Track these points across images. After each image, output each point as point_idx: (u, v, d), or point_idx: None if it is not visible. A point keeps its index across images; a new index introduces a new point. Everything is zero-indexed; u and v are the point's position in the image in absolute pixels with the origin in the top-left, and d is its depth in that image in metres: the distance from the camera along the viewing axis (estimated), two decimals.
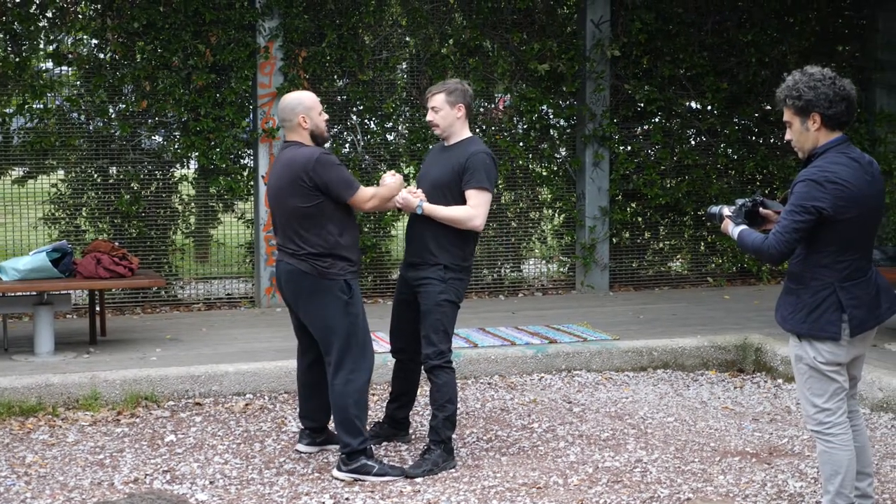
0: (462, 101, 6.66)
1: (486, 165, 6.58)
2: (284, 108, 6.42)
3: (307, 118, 6.36)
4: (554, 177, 12.39)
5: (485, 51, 12.07)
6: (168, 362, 8.50)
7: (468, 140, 6.71)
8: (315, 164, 6.20)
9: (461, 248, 6.62)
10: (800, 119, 5.19)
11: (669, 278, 12.86)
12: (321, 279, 6.28)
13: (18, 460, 6.68)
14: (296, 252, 6.31)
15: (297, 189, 6.22)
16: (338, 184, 6.26)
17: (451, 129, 6.69)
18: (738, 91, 12.68)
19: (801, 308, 5.19)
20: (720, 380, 8.89)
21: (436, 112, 6.66)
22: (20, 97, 10.67)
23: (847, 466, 5.20)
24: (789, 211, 5.06)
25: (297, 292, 6.40)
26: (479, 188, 6.54)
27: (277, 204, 6.38)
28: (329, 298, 6.29)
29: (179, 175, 11.46)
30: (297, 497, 6.03)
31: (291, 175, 6.24)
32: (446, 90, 6.65)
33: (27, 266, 8.67)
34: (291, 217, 6.29)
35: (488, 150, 6.69)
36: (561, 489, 6.16)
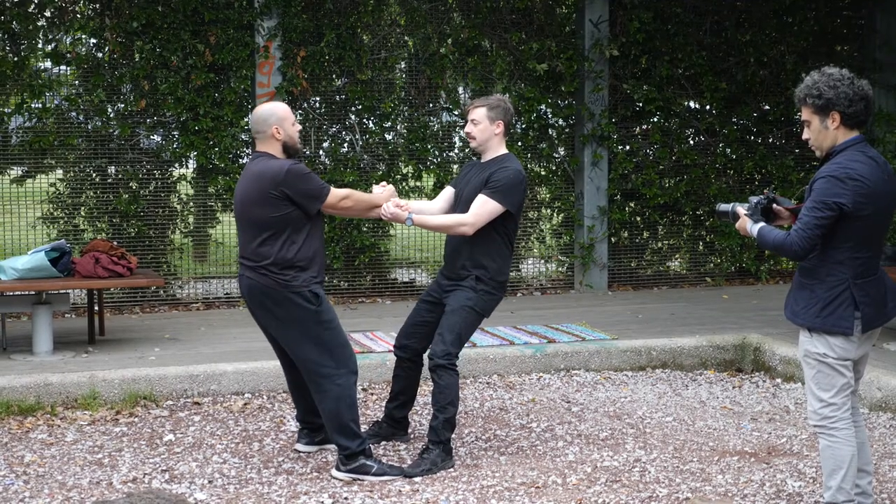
0: (502, 118, 6.68)
1: (510, 181, 6.55)
2: (257, 119, 6.34)
3: (280, 129, 6.29)
4: (552, 176, 12.40)
5: (483, 50, 12.08)
6: (167, 362, 8.50)
7: (503, 156, 6.71)
8: (286, 174, 6.12)
9: (496, 263, 6.64)
10: (819, 118, 5.24)
11: (668, 278, 12.87)
12: (285, 291, 6.19)
13: (17, 459, 6.68)
14: (256, 265, 6.22)
15: (265, 200, 6.14)
16: (309, 192, 6.20)
17: (488, 143, 6.70)
18: (737, 91, 12.69)
19: (815, 303, 5.23)
20: (719, 379, 8.89)
21: (475, 125, 6.67)
22: (19, 96, 10.67)
23: (849, 462, 5.24)
24: (811, 207, 5.11)
25: (262, 307, 6.32)
26: (489, 196, 6.52)
27: (242, 214, 6.30)
28: (297, 311, 6.21)
29: (178, 174, 11.46)
30: (296, 496, 6.03)
31: (260, 186, 6.16)
32: (488, 105, 6.67)
33: (26, 265, 8.66)
34: (255, 227, 6.22)
35: (521, 170, 6.66)
36: (559, 488, 6.16)
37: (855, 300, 5.17)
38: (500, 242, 6.65)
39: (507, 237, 6.68)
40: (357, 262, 11.61)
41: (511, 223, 6.67)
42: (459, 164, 12.38)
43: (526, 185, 6.72)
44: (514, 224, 6.71)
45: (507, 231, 6.67)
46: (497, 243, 6.64)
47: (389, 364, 8.21)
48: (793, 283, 5.41)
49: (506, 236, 6.67)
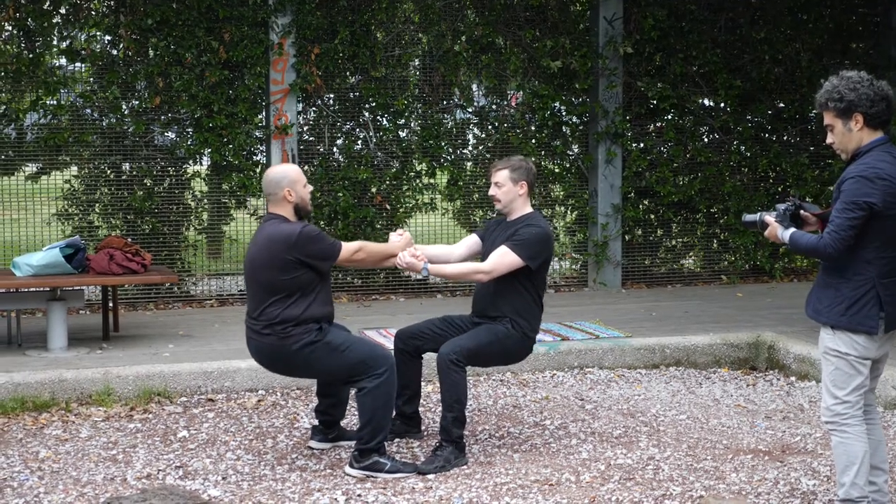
0: (525, 179, 6.77)
1: (533, 237, 6.64)
2: (269, 182, 6.38)
3: (292, 191, 6.34)
4: (566, 174, 12.39)
5: (497, 48, 12.07)
6: (180, 358, 8.51)
7: (530, 215, 6.81)
8: (297, 238, 6.18)
9: (526, 320, 6.74)
10: (842, 121, 5.25)
11: (682, 276, 12.84)
12: (291, 345, 6.24)
13: (32, 455, 6.70)
14: (262, 328, 6.29)
15: (277, 263, 6.20)
16: (321, 253, 6.27)
17: (513, 204, 6.80)
18: (752, 88, 12.66)
19: (840, 301, 5.24)
20: (733, 377, 8.88)
21: (499, 187, 6.77)
22: (34, 93, 10.70)
23: (861, 458, 5.25)
24: (842, 209, 5.14)
25: (276, 364, 6.45)
26: (510, 248, 6.61)
27: (253, 276, 6.36)
28: (310, 354, 6.26)
29: (192, 171, 11.47)
30: (310, 493, 6.04)
31: (271, 250, 6.22)
32: (510, 167, 6.77)
33: (40, 262, 8.69)
34: (265, 290, 6.27)
35: (547, 229, 6.76)
36: (573, 486, 6.15)
37: (880, 299, 5.19)
38: (529, 300, 6.75)
39: (535, 293, 6.78)
40: None
41: (538, 279, 6.78)
42: (473, 162, 12.39)
43: (552, 244, 6.82)
44: (541, 280, 6.82)
45: (535, 287, 6.77)
46: (527, 301, 6.75)
47: None
48: (816, 282, 5.41)
49: (534, 292, 6.78)
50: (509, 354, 6.78)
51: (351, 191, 11.43)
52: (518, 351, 6.80)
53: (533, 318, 6.79)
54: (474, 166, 12.42)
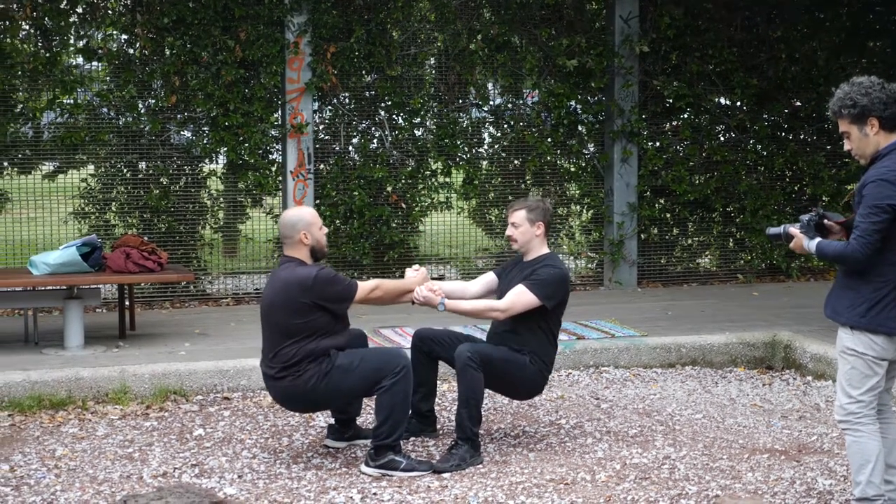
0: (542, 219, 6.80)
1: (551, 277, 6.67)
2: (285, 225, 6.41)
3: (308, 234, 6.36)
4: (582, 173, 12.38)
5: (513, 46, 12.06)
6: (197, 357, 8.53)
7: (547, 256, 6.84)
8: (314, 282, 6.21)
9: (542, 361, 6.75)
10: (857, 126, 5.26)
11: (698, 275, 12.82)
12: (306, 381, 6.26)
13: (49, 453, 6.72)
14: (276, 372, 6.30)
15: (292, 306, 6.21)
16: (337, 296, 6.30)
17: (529, 245, 6.82)
18: (768, 87, 12.63)
19: (860, 302, 5.24)
20: (749, 377, 8.86)
21: (516, 228, 6.80)
22: (51, 92, 10.73)
23: (876, 456, 5.26)
24: (865, 213, 5.14)
25: (298, 405, 6.50)
26: (527, 288, 6.63)
27: (268, 317, 6.37)
28: (326, 385, 6.27)
29: (208, 170, 11.50)
30: (325, 491, 6.04)
31: (287, 293, 6.24)
32: (527, 207, 6.80)
33: (57, 260, 8.72)
34: (280, 333, 6.29)
35: (563, 269, 6.79)
36: (588, 485, 6.15)
37: None
38: (544, 340, 6.77)
39: (550, 333, 6.81)
40: (386, 257, 11.63)
41: (553, 320, 6.80)
42: (489, 161, 12.38)
43: (568, 286, 6.84)
44: (556, 321, 6.83)
45: (551, 327, 6.80)
46: (542, 341, 6.76)
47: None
48: (835, 283, 5.41)
49: (549, 332, 6.80)
50: (521, 382, 6.75)
51: (366, 189, 11.44)
52: (530, 385, 6.81)
53: (548, 357, 6.83)
54: (490, 165, 12.42)
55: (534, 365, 6.70)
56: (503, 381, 6.65)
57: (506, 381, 6.68)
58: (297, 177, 11.18)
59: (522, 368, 6.66)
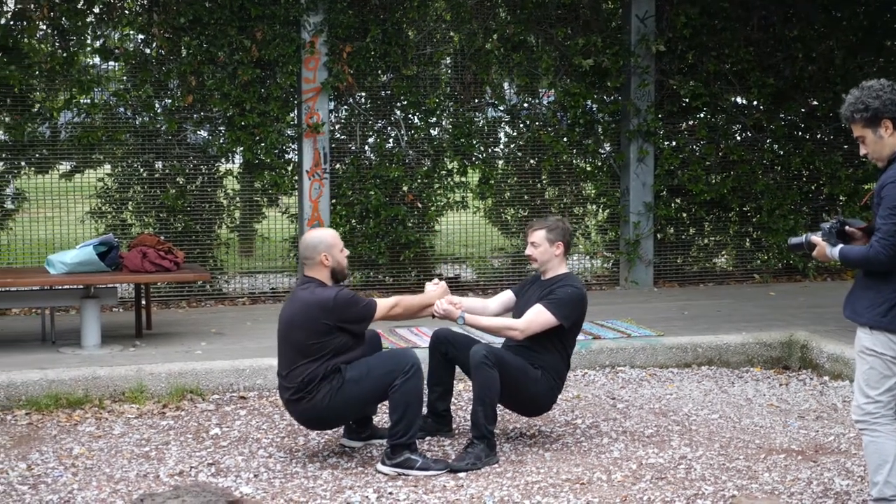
0: (561, 239, 6.84)
1: (569, 297, 6.70)
2: (307, 246, 6.45)
3: (329, 256, 6.40)
4: (598, 172, 12.36)
5: (529, 46, 12.05)
6: (213, 356, 8.55)
7: (565, 275, 6.87)
8: (334, 304, 6.25)
9: (554, 379, 6.77)
10: (871, 130, 5.28)
11: (714, 274, 12.79)
12: (320, 400, 6.29)
13: (66, 452, 6.75)
14: (292, 394, 6.34)
15: (311, 326, 6.25)
16: (356, 317, 6.35)
17: (549, 264, 6.86)
18: (785, 86, 12.59)
19: (881, 303, 5.25)
20: (765, 377, 8.84)
21: (535, 247, 6.84)
22: (67, 92, 10.76)
23: (894, 456, 5.26)
24: (886, 215, 5.17)
25: (318, 424, 6.56)
26: (545, 307, 6.65)
27: (286, 335, 6.40)
28: (340, 400, 6.30)
29: (224, 170, 11.51)
30: (341, 491, 6.05)
31: (307, 314, 6.27)
32: (547, 227, 6.83)
33: (74, 259, 8.74)
34: (296, 350, 6.33)
35: (581, 289, 6.81)
36: (604, 485, 6.14)
37: None
38: (558, 358, 6.80)
39: (564, 352, 6.83)
40: (402, 257, 11.63)
41: (569, 339, 6.83)
42: (505, 160, 12.37)
43: (585, 305, 6.85)
44: (571, 340, 6.87)
45: (565, 346, 6.83)
46: (556, 359, 6.78)
47: None
48: (855, 284, 5.42)
49: (563, 351, 6.82)
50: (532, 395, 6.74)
51: (382, 189, 11.44)
52: (541, 400, 6.81)
53: (560, 375, 6.84)
54: (506, 164, 12.41)
55: (546, 381, 6.72)
56: (515, 389, 6.62)
57: (517, 391, 6.65)
58: (313, 176, 11.19)
59: (535, 382, 6.68)
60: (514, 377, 6.57)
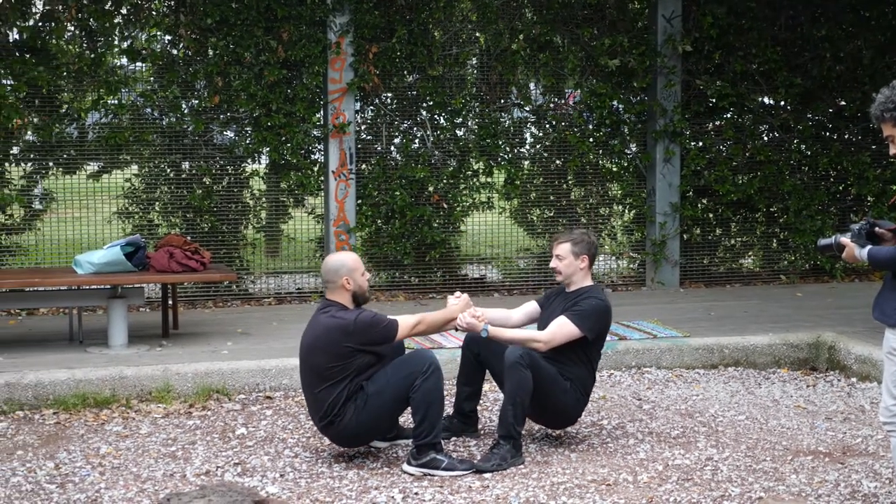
0: (586, 253, 6.84)
1: (593, 308, 6.71)
2: (328, 270, 6.47)
3: (350, 280, 6.42)
4: (624, 173, 12.33)
5: (555, 46, 12.03)
6: (239, 356, 8.57)
7: (590, 287, 6.87)
8: (355, 327, 6.27)
9: (579, 392, 6.77)
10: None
11: (741, 275, 12.74)
12: (348, 420, 6.32)
13: (93, 451, 6.78)
14: (318, 421, 6.41)
15: (333, 349, 6.27)
16: (378, 338, 6.36)
17: (573, 277, 6.87)
18: (812, 86, 12.53)
19: None
20: (792, 378, 8.80)
21: (560, 260, 6.84)
22: (95, 93, 10.81)
23: None
24: None
25: (353, 442, 6.56)
26: (569, 319, 6.66)
27: (307, 359, 6.42)
28: (367, 416, 6.33)
29: (251, 170, 11.54)
30: (367, 491, 6.06)
31: (329, 338, 6.29)
32: (572, 241, 6.84)
33: (101, 260, 8.78)
34: (315, 374, 6.35)
35: (606, 301, 6.81)
36: (630, 486, 6.13)
37: None
38: (584, 372, 6.80)
39: (590, 365, 6.84)
40: (428, 257, 11.63)
41: (594, 352, 6.83)
42: (530, 161, 12.36)
43: (610, 318, 6.86)
44: (596, 353, 6.87)
45: (591, 359, 6.83)
46: (582, 372, 6.78)
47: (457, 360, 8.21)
48: (883, 285, 5.38)
49: (589, 364, 6.83)
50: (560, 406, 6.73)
51: (408, 189, 11.45)
52: (570, 411, 6.80)
53: (587, 388, 6.84)
54: (531, 165, 12.40)
55: (573, 393, 6.73)
56: (544, 396, 6.60)
57: (546, 398, 6.63)
58: (339, 177, 11.21)
59: (564, 392, 6.68)
60: (545, 383, 6.56)
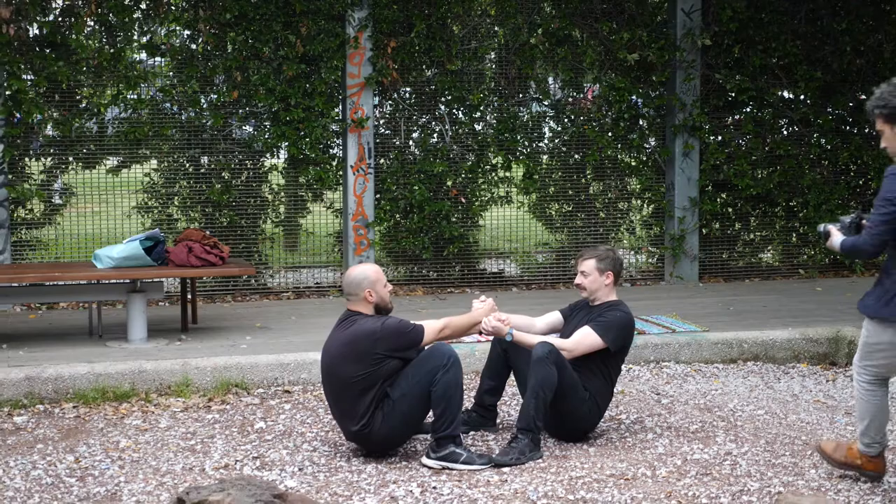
0: (611, 269, 6.89)
1: (617, 321, 6.75)
2: (350, 283, 6.49)
3: (373, 292, 6.45)
4: (643, 167, 12.31)
5: (574, 40, 12.01)
6: (258, 350, 8.59)
7: (615, 301, 6.90)
8: (382, 333, 6.30)
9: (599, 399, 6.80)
10: (889, 126, 5.62)
11: (760, 270, 12.71)
12: (379, 427, 6.34)
13: (112, 444, 6.80)
14: (350, 432, 6.44)
15: (361, 357, 6.27)
16: (405, 345, 6.37)
17: (598, 293, 6.90)
18: (832, 80, 12.48)
19: (884, 294, 5.66)
20: (812, 373, 8.77)
21: (585, 276, 6.89)
22: (115, 88, 10.84)
23: (874, 413, 5.91)
24: (877, 206, 5.55)
25: (390, 446, 6.55)
26: (592, 329, 6.70)
27: (333, 372, 6.41)
28: (396, 418, 6.35)
29: (269, 165, 11.56)
30: (385, 485, 6.06)
31: (356, 346, 6.30)
32: (597, 257, 6.89)
33: (121, 254, 8.81)
34: (340, 385, 6.37)
35: (630, 315, 6.85)
36: (649, 481, 6.12)
37: None
38: (602, 383, 6.80)
39: (610, 378, 6.85)
40: (446, 252, 11.63)
41: (614, 364, 6.85)
42: (549, 155, 12.35)
43: (633, 331, 6.89)
44: (616, 366, 6.89)
45: (611, 371, 6.85)
46: (601, 384, 6.79)
47: (479, 354, 8.24)
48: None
49: (608, 377, 6.84)
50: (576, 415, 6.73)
51: (426, 184, 11.45)
52: (585, 421, 6.81)
53: (604, 402, 6.86)
54: (550, 159, 12.38)
55: (591, 404, 6.74)
56: (561, 400, 6.58)
57: (563, 403, 6.61)
58: (358, 171, 11.22)
59: (582, 401, 6.69)
60: (565, 387, 6.55)
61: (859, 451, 5.98)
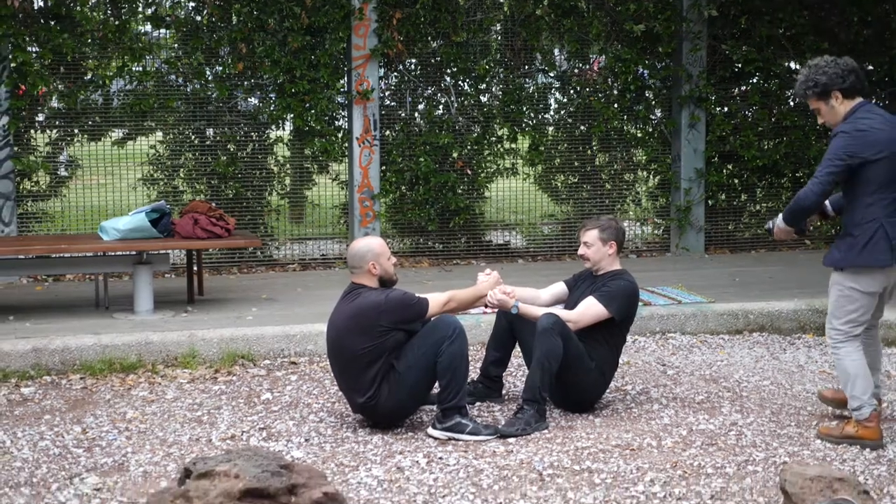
0: (614, 239, 6.87)
1: (621, 290, 6.75)
2: (354, 256, 6.49)
3: (377, 264, 6.44)
4: (649, 138, 12.29)
5: (580, 11, 11.97)
6: (264, 322, 8.60)
7: (619, 271, 6.90)
8: (386, 305, 6.30)
9: (605, 369, 6.82)
10: (824, 102, 6.06)
11: (766, 241, 12.69)
12: (385, 400, 6.36)
13: (119, 415, 6.82)
14: (357, 403, 6.45)
15: (366, 330, 6.27)
16: (411, 317, 6.38)
17: (601, 263, 6.90)
18: (839, 51, 12.36)
19: (855, 245, 5.98)
20: (817, 343, 8.77)
21: (588, 247, 6.88)
22: (120, 60, 10.82)
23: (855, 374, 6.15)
24: (824, 162, 5.96)
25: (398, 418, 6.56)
26: (597, 299, 6.70)
27: (339, 345, 6.40)
28: (402, 391, 6.37)
29: (275, 137, 11.55)
30: (391, 455, 6.08)
31: (361, 319, 6.29)
32: (600, 227, 6.88)
33: (127, 226, 8.82)
34: (345, 358, 6.37)
35: (634, 284, 6.85)
36: (655, 451, 6.13)
37: (888, 234, 5.93)
38: (607, 352, 6.81)
39: (615, 347, 6.87)
40: (452, 223, 11.63)
41: (619, 334, 6.86)
42: (555, 127, 12.32)
43: (637, 300, 6.90)
44: (622, 336, 6.90)
45: (616, 341, 6.86)
46: (605, 353, 6.80)
47: (484, 326, 8.24)
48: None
49: (614, 346, 6.86)
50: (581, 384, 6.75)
51: (432, 156, 11.44)
52: (590, 391, 6.83)
53: (610, 372, 6.88)
54: (556, 131, 12.36)
55: (596, 375, 6.76)
56: (566, 371, 6.59)
57: (567, 374, 6.62)
58: (363, 143, 11.20)
59: (587, 371, 6.70)
60: (571, 358, 6.56)
61: (854, 419, 6.15)
